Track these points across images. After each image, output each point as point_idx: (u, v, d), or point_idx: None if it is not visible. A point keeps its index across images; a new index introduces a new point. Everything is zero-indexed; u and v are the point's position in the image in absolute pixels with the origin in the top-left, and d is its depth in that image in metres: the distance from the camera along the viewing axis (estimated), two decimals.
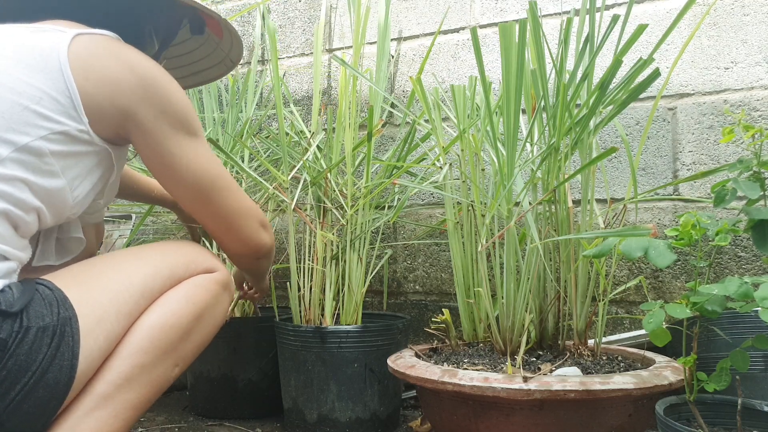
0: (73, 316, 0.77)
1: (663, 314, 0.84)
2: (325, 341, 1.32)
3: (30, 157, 0.78)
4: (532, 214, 1.16)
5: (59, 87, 0.80)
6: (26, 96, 0.78)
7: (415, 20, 1.76)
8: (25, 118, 0.78)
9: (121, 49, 0.88)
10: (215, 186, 0.94)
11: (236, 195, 0.97)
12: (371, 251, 1.50)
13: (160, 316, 0.87)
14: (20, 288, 0.76)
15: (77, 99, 0.81)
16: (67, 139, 0.81)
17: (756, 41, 1.38)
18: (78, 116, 0.81)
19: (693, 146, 1.43)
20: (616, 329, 1.47)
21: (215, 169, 0.94)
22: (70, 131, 0.81)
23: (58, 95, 0.80)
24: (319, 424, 1.34)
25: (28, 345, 0.73)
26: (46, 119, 0.79)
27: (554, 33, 1.54)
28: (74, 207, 0.87)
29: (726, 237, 0.85)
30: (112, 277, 0.85)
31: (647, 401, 0.98)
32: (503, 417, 0.97)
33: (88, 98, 0.82)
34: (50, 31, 0.84)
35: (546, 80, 1.13)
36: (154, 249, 0.94)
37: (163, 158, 0.90)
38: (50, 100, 0.79)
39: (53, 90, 0.80)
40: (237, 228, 0.98)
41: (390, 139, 1.77)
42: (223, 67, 1.22)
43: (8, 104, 0.77)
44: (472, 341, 1.28)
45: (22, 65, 0.80)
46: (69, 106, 0.81)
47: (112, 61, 0.85)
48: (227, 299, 0.99)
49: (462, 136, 1.27)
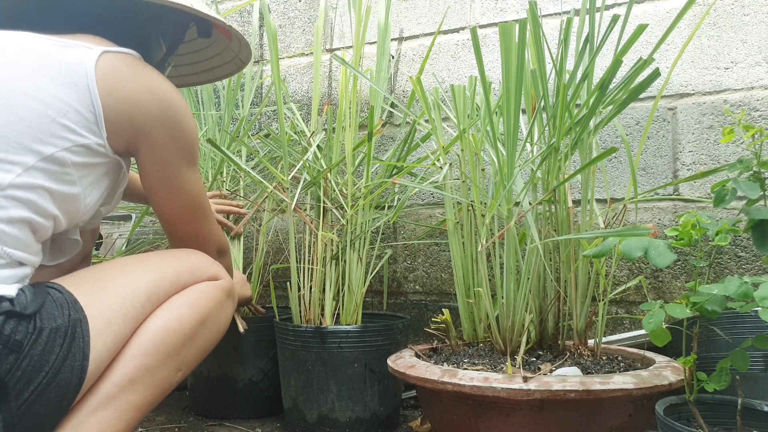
0: (83, 317, 0.79)
1: (663, 314, 0.84)
2: (325, 341, 1.32)
3: (54, 167, 0.81)
4: (532, 214, 1.16)
5: (85, 102, 0.84)
6: (54, 108, 0.81)
7: (414, 20, 1.76)
8: (52, 130, 0.81)
9: (144, 70, 0.92)
10: (196, 213, 1.01)
11: (209, 224, 1.04)
12: (371, 251, 1.50)
13: (164, 321, 0.89)
14: (32, 291, 0.78)
15: (100, 115, 0.85)
16: (88, 152, 0.85)
17: (756, 41, 1.38)
18: (99, 131, 0.85)
19: (693, 146, 1.43)
20: (616, 329, 1.47)
21: (201, 199, 1.01)
22: (90, 144, 0.85)
23: (82, 109, 0.83)
24: (319, 424, 1.34)
25: (41, 346, 0.74)
26: (71, 131, 0.82)
27: (554, 33, 1.54)
28: (85, 214, 0.90)
29: (726, 237, 0.85)
30: (119, 281, 0.87)
31: (647, 401, 0.98)
32: (503, 417, 0.97)
33: (109, 114, 0.86)
34: (77, 46, 0.87)
35: (546, 80, 1.13)
36: (160, 256, 0.97)
37: (162, 178, 0.95)
38: (75, 113, 0.83)
39: (78, 104, 0.83)
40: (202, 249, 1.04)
41: (390, 139, 1.77)
42: (234, 66, 1.25)
43: (36, 115, 0.80)
44: (472, 341, 1.28)
45: (50, 78, 0.82)
46: (92, 121, 0.84)
47: (135, 81, 0.89)
48: (231, 306, 1.01)
49: (462, 136, 1.27)
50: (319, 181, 1.45)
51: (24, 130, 0.79)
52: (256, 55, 2.02)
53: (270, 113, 1.97)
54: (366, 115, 1.74)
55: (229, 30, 1.10)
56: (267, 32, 1.56)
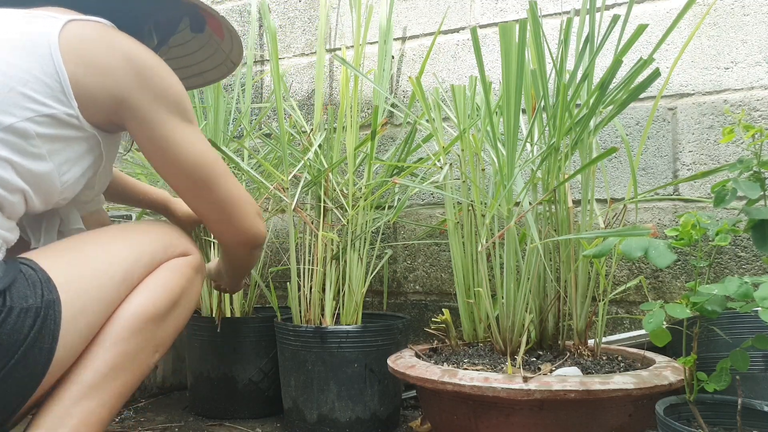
0: (56, 299, 0.78)
1: (663, 314, 0.84)
2: (325, 341, 1.32)
3: (15, 138, 0.79)
4: (532, 214, 1.16)
5: (47, 70, 0.81)
6: (14, 78, 0.79)
7: (415, 20, 1.76)
8: (12, 99, 0.78)
9: (115, 36, 0.88)
10: (213, 173, 0.94)
11: (233, 182, 0.97)
12: (371, 251, 1.50)
13: (141, 305, 0.89)
14: (3, 267, 0.76)
15: (66, 83, 0.82)
16: (55, 123, 0.82)
17: (756, 41, 1.38)
18: (67, 100, 0.82)
19: (693, 146, 1.43)
20: (616, 329, 1.47)
21: (211, 156, 0.95)
22: (57, 114, 0.82)
23: (46, 78, 0.80)
24: (319, 424, 1.34)
25: (10, 326, 0.73)
26: (33, 101, 0.80)
27: (554, 33, 1.54)
28: (63, 192, 0.87)
29: (726, 237, 0.85)
30: (96, 264, 0.86)
31: (647, 401, 0.98)
32: (503, 417, 0.97)
33: (78, 84, 0.82)
34: (43, 17, 0.84)
35: (546, 80, 1.13)
36: (137, 232, 0.95)
37: (160, 145, 0.90)
38: (38, 82, 0.80)
39: (41, 73, 0.80)
40: (235, 217, 0.98)
41: (390, 139, 1.77)
42: (224, 69, 1.23)
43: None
44: (472, 341, 1.28)
45: (10, 48, 0.80)
46: (57, 90, 0.81)
47: (104, 48, 0.85)
48: (200, 282, 1.01)
49: (462, 136, 1.27)
50: (320, 180, 1.45)
51: None
52: (257, 55, 2.02)
53: (270, 113, 1.97)
54: (366, 114, 1.74)
55: (221, 23, 1.08)
56: (267, 32, 1.56)
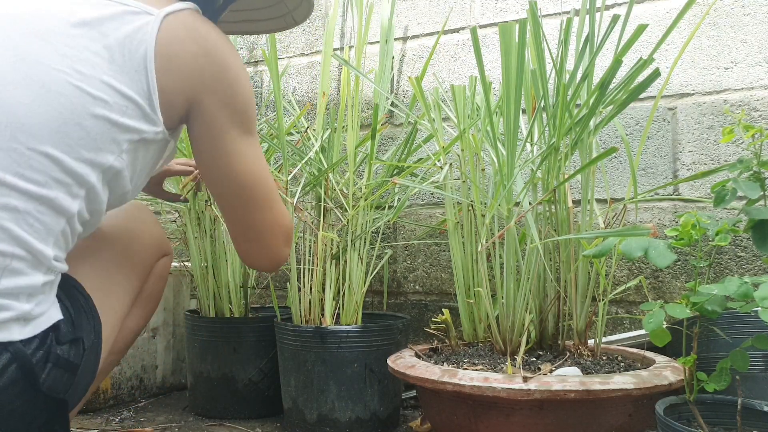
0: (101, 329, 0.82)
1: (663, 314, 0.84)
2: (325, 341, 1.32)
3: (111, 176, 0.76)
4: (532, 214, 1.16)
5: (141, 87, 0.75)
6: (114, 108, 0.73)
7: (415, 20, 1.76)
8: (110, 136, 0.73)
9: (200, 27, 0.80)
10: (266, 197, 0.88)
11: (274, 209, 0.90)
12: (371, 251, 1.50)
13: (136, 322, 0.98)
14: (68, 301, 0.78)
15: (155, 96, 0.76)
16: (142, 143, 0.77)
17: (756, 41, 1.38)
18: (156, 117, 0.77)
19: (693, 146, 1.43)
20: (616, 329, 1.47)
21: (267, 178, 0.88)
22: (147, 137, 0.77)
23: (140, 99, 0.75)
24: (319, 424, 1.34)
25: (87, 363, 0.79)
26: (128, 131, 0.75)
27: (554, 33, 1.54)
28: (133, 194, 0.85)
29: (726, 237, 0.85)
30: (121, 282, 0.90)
31: (647, 401, 0.98)
32: (503, 417, 0.97)
33: (164, 92, 0.77)
34: (135, 9, 0.76)
35: (546, 80, 1.13)
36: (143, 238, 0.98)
37: (215, 152, 0.84)
38: (133, 107, 0.75)
39: (136, 94, 0.75)
40: (263, 244, 0.92)
41: (390, 139, 1.77)
42: (282, 23, 1.10)
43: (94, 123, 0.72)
44: (472, 341, 1.28)
45: (107, 61, 0.73)
46: (147, 108, 0.76)
47: (191, 49, 0.78)
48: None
49: (462, 136, 1.27)
50: (321, 180, 1.44)
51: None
52: (256, 55, 2.02)
53: (270, 113, 1.97)
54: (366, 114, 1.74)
55: None
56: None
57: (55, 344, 0.72)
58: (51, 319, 0.72)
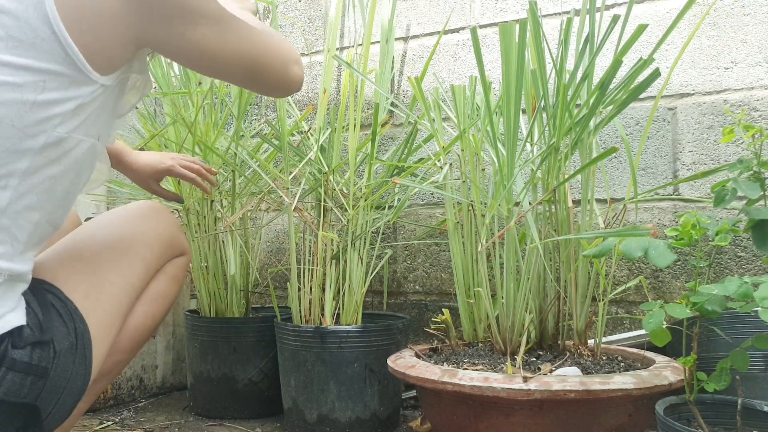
0: (86, 330, 0.80)
1: (663, 314, 0.84)
2: (325, 341, 1.32)
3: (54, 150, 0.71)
4: (532, 214, 1.16)
5: (54, 55, 0.68)
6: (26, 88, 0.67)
7: (415, 20, 1.76)
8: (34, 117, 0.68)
9: None
10: (254, 65, 0.83)
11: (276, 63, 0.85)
12: (371, 251, 1.50)
13: (143, 320, 0.94)
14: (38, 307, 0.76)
15: (79, 58, 0.69)
16: (81, 108, 0.71)
17: (756, 41, 1.38)
18: (88, 77, 0.70)
19: (693, 146, 1.43)
20: (616, 329, 1.47)
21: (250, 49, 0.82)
22: (84, 101, 0.71)
23: (55, 66, 0.68)
24: (319, 424, 1.34)
25: (60, 367, 0.76)
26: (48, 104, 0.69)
27: (554, 33, 1.54)
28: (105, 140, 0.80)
29: (726, 237, 0.85)
30: (114, 279, 0.87)
31: (647, 401, 0.98)
32: (503, 417, 0.97)
33: (87, 49, 0.69)
34: None
35: (546, 80, 1.13)
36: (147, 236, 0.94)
37: (194, 61, 0.80)
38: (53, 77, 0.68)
39: (48, 62, 0.67)
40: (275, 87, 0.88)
41: (390, 139, 1.77)
42: None
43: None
44: (472, 341, 1.28)
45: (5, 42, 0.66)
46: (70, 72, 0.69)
47: None
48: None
49: (462, 136, 1.27)
50: (322, 180, 1.44)
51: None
52: None
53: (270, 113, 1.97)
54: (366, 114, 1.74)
55: None
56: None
57: (11, 348, 0.70)
58: (9, 324, 0.70)
